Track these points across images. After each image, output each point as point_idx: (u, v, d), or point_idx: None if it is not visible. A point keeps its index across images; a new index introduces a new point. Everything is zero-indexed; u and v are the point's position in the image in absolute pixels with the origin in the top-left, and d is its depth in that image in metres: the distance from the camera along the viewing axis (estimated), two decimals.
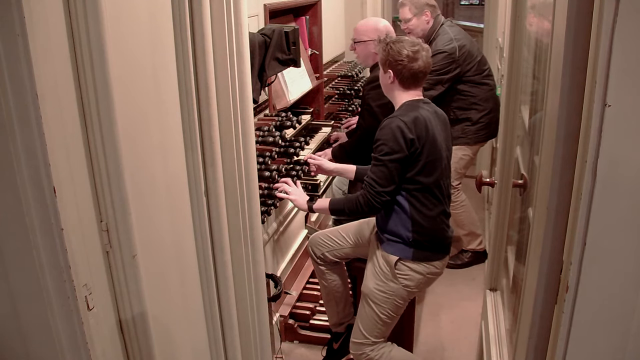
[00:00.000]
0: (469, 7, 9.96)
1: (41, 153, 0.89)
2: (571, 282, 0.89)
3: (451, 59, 2.95)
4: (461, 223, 3.30)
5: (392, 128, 1.90)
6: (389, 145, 1.89)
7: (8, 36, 0.83)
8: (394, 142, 1.89)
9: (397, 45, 1.98)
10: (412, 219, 1.97)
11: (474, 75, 3.05)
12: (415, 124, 1.90)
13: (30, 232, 0.91)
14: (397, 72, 1.99)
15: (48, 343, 0.98)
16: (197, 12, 1.35)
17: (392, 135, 1.89)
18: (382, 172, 1.92)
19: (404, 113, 1.95)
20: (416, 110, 1.95)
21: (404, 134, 1.88)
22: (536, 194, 1.20)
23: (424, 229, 1.98)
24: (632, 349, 0.89)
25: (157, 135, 1.29)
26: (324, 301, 2.48)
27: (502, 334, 1.92)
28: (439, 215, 2.01)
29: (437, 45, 2.99)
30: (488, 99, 3.11)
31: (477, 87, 3.08)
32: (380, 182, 1.92)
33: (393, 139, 1.89)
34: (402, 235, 1.99)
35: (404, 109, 1.98)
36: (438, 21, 3.10)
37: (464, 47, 3.00)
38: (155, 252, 1.31)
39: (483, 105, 3.09)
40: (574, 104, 0.92)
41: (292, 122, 2.36)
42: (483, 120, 3.11)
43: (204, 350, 1.61)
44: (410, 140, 1.89)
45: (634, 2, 0.75)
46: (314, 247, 2.37)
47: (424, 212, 1.97)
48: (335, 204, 2.09)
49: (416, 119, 1.91)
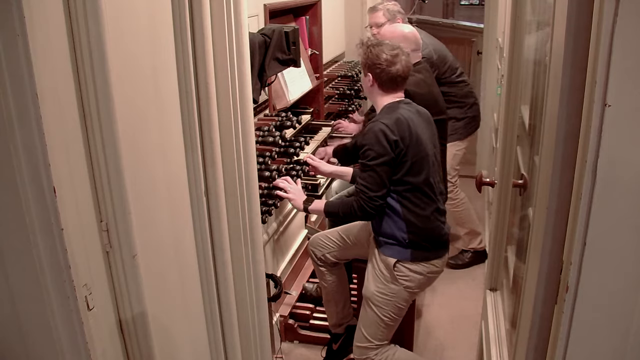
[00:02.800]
0: (469, 7, 9.94)
1: (41, 153, 0.89)
2: (571, 282, 0.89)
3: (429, 63, 2.98)
4: (461, 221, 3.31)
5: (375, 132, 1.91)
6: (375, 150, 1.90)
7: (8, 36, 0.83)
8: (378, 145, 1.89)
9: (377, 48, 1.98)
10: (405, 220, 1.97)
11: (450, 75, 3.14)
12: (398, 125, 1.91)
13: (30, 232, 0.91)
14: (376, 75, 1.99)
15: (48, 343, 0.98)
16: (197, 12, 1.35)
17: (376, 139, 1.90)
18: (371, 178, 1.93)
19: (385, 115, 1.96)
20: (397, 111, 1.96)
21: (387, 137, 1.89)
22: (536, 194, 1.20)
23: (419, 229, 1.98)
24: (632, 349, 0.89)
25: (157, 135, 1.29)
26: (324, 302, 2.48)
27: (502, 334, 1.92)
28: (433, 214, 2.00)
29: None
30: (467, 95, 3.22)
31: (455, 86, 3.17)
32: (372, 187, 1.92)
33: (377, 142, 1.90)
34: (398, 237, 1.99)
35: (385, 112, 1.99)
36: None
37: (439, 51, 3.08)
38: (155, 252, 1.31)
39: (464, 102, 3.20)
40: (574, 104, 0.92)
41: (292, 122, 2.36)
42: (468, 114, 3.22)
43: (204, 350, 1.61)
44: (394, 141, 1.89)
45: (634, 2, 0.75)
46: (314, 248, 2.37)
47: (417, 212, 1.97)
48: (330, 206, 2.10)
49: (398, 120, 1.92)
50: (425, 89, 2.44)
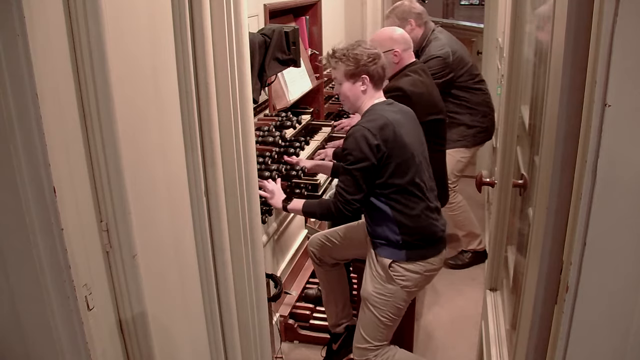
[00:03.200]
0: (469, 7, 9.95)
1: (41, 153, 0.89)
2: (571, 282, 0.89)
3: (445, 63, 2.98)
4: (460, 224, 3.31)
5: (357, 137, 1.91)
6: (354, 155, 1.90)
7: (8, 36, 0.83)
8: (358, 151, 1.90)
9: (359, 49, 1.99)
10: (396, 221, 1.97)
11: (467, 80, 3.11)
12: (381, 129, 1.90)
13: (30, 232, 0.91)
14: (372, 73, 1.99)
15: (48, 343, 0.98)
16: (197, 12, 1.35)
17: (356, 144, 1.90)
18: (349, 181, 1.93)
19: (368, 120, 1.95)
20: (380, 113, 1.96)
21: (368, 141, 1.89)
22: (536, 194, 1.20)
23: (410, 229, 1.98)
24: (632, 349, 0.89)
25: (157, 135, 1.29)
26: (324, 301, 2.49)
27: (502, 334, 1.92)
28: (423, 212, 1.99)
29: (431, 51, 3.03)
30: (481, 103, 3.18)
31: (470, 92, 3.14)
32: (348, 190, 1.93)
33: (357, 148, 1.90)
34: (391, 239, 1.99)
35: (368, 115, 1.98)
36: (429, 28, 3.12)
37: (457, 52, 3.05)
38: (155, 252, 1.31)
39: (477, 109, 3.16)
40: (574, 104, 0.92)
41: (292, 122, 2.36)
42: (478, 124, 3.18)
43: (204, 350, 1.61)
44: (375, 146, 1.89)
45: (634, 2, 0.75)
46: (313, 248, 2.37)
47: (407, 212, 1.97)
48: (308, 206, 2.09)
49: (381, 123, 1.92)
50: (422, 89, 2.44)
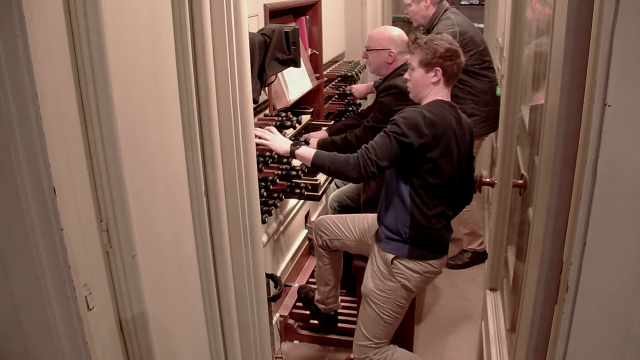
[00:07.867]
0: (469, 7, 9.94)
1: (41, 153, 0.89)
2: (571, 282, 0.89)
3: None
4: (465, 222, 3.29)
5: (412, 115, 1.87)
6: (402, 128, 1.86)
7: (8, 36, 0.83)
8: (406, 126, 1.86)
9: (440, 42, 1.93)
10: (411, 215, 1.98)
11: (473, 64, 3.04)
12: (434, 124, 1.88)
13: (30, 232, 0.91)
14: (446, 67, 1.94)
15: (48, 343, 0.98)
16: (197, 12, 1.35)
17: (408, 121, 1.86)
18: (385, 145, 1.88)
19: (428, 109, 1.91)
20: (441, 111, 1.93)
21: (419, 125, 1.86)
22: (536, 194, 1.20)
23: (420, 227, 1.98)
24: (632, 349, 0.89)
25: (157, 135, 1.29)
26: (316, 278, 2.53)
27: (502, 334, 1.92)
28: (437, 216, 2.00)
29: (438, 29, 3.00)
30: (486, 91, 3.10)
31: (475, 78, 3.07)
32: (379, 152, 1.88)
33: (407, 124, 1.86)
34: (400, 230, 1.99)
35: (432, 106, 1.94)
36: (442, 7, 3.11)
37: (466, 34, 3.00)
38: (155, 252, 1.31)
39: (480, 97, 3.08)
40: (574, 104, 0.92)
41: (292, 122, 2.36)
42: (480, 113, 3.09)
43: (204, 350, 1.61)
44: (423, 134, 1.86)
45: (634, 2, 0.75)
46: (319, 229, 2.38)
47: (424, 210, 1.97)
48: (320, 156, 1.96)
49: (437, 120, 1.89)
50: None
